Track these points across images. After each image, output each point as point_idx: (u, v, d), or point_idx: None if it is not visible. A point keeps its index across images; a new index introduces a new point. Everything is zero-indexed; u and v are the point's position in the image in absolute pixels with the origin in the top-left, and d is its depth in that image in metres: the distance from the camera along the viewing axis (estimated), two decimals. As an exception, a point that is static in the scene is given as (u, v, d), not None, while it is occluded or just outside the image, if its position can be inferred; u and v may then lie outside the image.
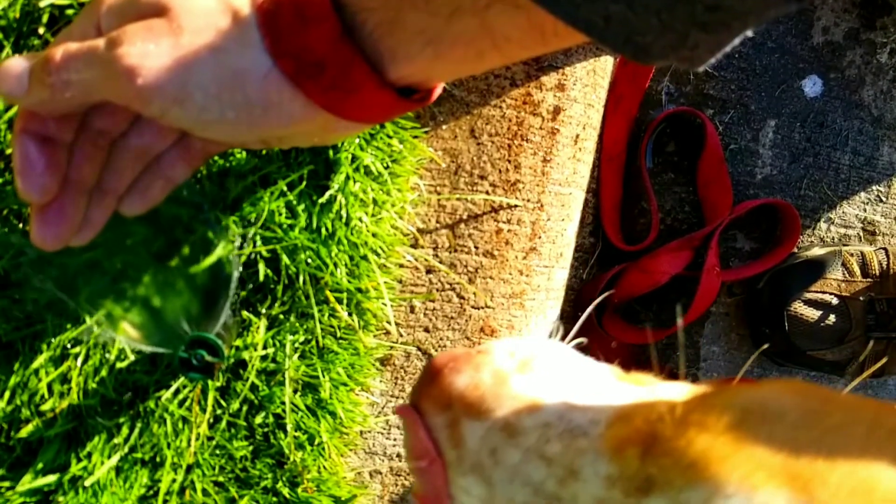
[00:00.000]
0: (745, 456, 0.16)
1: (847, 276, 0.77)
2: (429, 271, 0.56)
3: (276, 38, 0.28)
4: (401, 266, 0.55)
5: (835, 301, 0.76)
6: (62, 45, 0.29)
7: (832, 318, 0.77)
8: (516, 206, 0.57)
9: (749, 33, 0.25)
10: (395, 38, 0.28)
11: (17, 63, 0.29)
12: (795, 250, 0.78)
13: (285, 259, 0.45)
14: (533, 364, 0.25)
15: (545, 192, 0.57)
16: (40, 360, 0.41)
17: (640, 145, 0.76)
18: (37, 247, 0.33)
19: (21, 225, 0.41)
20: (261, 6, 0.28)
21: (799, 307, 0.76)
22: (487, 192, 0.56)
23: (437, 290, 0.57)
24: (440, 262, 0.56)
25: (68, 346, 0.42)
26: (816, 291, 0.77)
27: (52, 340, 0.41)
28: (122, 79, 0.27)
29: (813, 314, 0.77)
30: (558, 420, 0.21)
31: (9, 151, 0.40)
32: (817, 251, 0.78)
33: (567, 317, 0.78)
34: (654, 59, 0.26)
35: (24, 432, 0.42)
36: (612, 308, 0.79)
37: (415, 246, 0.56)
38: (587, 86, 0.58)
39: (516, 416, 0.22)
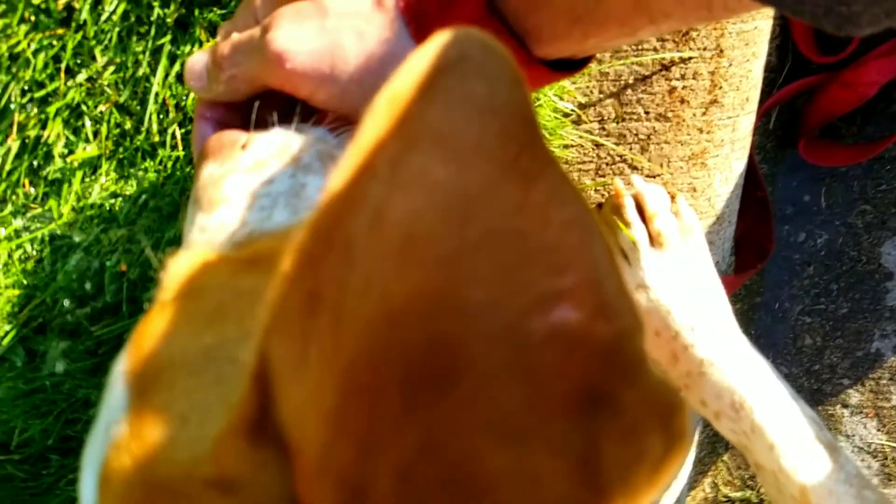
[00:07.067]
0: None
1: None
2: (596, 146, 0.53)
3: (421, 24, 0.28)
4: (566, 147, 0.52)
5: None
6: (229, 39, 0.31)
7: None
8: (691, 58, 0.49)
9: None
10: (541, 17, 0.28)
11: (198, 61, 0.32)
12: None
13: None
14: (264, 165, 0.29)
15: (724, 35, 0.49)
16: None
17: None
18: None
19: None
20: None
21: None
22: (655, 50, 0.49)
23: (607, 164, 0.53)
24: (607, 135, 0.52)
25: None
26: None
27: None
28: (273, 63, 0.28)
29: None
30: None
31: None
32: None
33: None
34: (863, 30, 0.22)
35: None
36: (811, 134, 0.70)
37: (578, 122, 0.52)
38: None
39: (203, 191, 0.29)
